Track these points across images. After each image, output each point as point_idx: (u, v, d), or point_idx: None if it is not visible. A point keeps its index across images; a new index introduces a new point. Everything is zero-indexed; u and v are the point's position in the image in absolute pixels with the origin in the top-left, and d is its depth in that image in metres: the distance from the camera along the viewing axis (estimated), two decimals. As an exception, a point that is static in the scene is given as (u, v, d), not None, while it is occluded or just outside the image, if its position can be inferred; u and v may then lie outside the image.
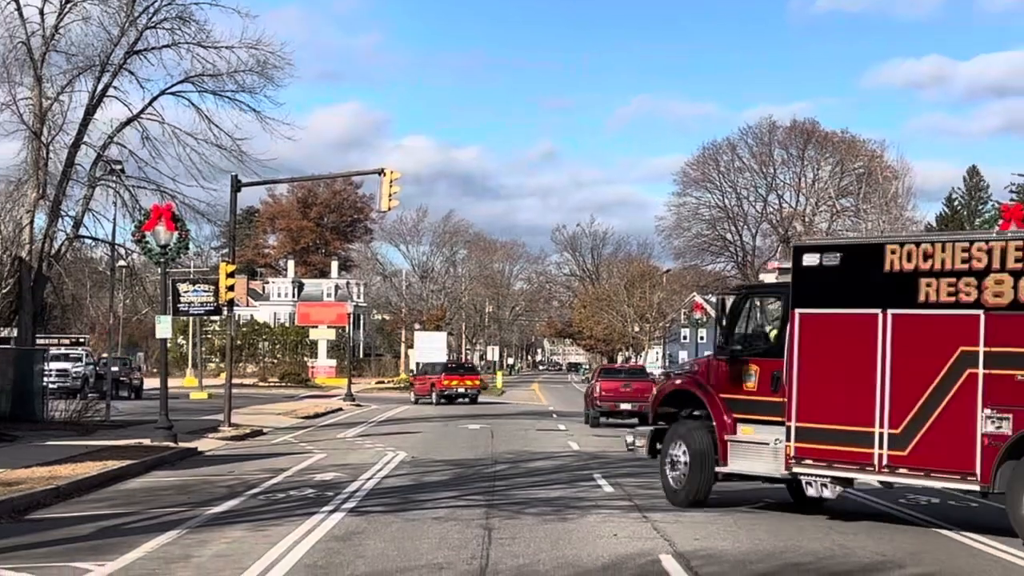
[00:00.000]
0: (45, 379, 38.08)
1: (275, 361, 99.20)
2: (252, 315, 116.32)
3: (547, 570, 12.98)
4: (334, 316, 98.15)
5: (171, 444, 28.14)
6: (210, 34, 38.55)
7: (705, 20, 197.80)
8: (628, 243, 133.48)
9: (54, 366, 49.87)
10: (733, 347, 18.55)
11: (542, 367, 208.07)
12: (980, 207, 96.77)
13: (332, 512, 17.30)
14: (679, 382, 20.32)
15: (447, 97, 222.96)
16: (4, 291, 36.31)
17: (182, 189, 38.57)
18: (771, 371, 17.69)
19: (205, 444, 30.52)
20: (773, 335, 18.28)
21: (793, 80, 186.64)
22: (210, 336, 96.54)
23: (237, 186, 38.11)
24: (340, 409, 52.41)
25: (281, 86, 41.60)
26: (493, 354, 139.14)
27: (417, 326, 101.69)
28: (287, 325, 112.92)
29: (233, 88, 39.36)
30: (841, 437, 16.63)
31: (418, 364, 72.35)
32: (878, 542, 15.36)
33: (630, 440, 20.85)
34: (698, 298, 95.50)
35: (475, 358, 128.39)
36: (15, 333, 38.12)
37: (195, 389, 66.77)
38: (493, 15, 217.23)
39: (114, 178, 38.07)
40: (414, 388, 64.17)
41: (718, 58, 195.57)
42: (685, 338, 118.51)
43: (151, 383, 54.63)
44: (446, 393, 60.10)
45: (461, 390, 60.79)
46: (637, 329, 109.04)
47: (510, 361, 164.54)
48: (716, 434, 18.41)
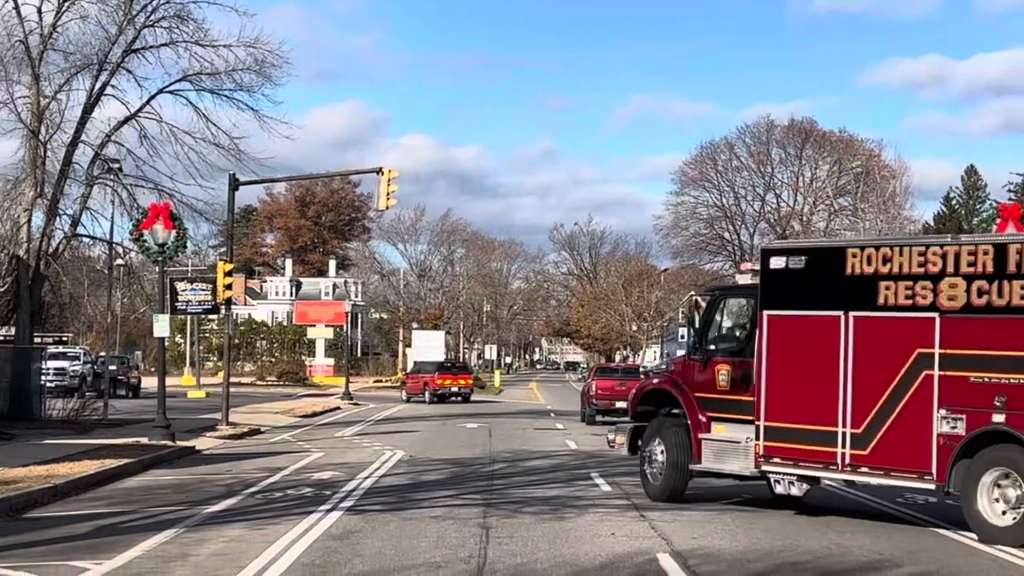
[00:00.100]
0: (43, 377, 38.09)
1: (273, 360, 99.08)
2: (250, 314, 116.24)
3: (544, 569, 12.98)
4: (332, 315, 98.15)
5: (169, 443, 28.13)
6: (208, 33, 38.56)
7: (704, 20, 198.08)
8: (626, 242, 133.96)
9: (52, 364, 49.88)
10: (707, 347, 18.98)
11: (540, 366, 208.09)
12: (978, 206, 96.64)
13: (330, 511, 17.31)
14: (656, 381, 20.78)
15: (446, 96, 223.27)
16: (1, 290, 36.29)
17: (180, 188, 38.61)
18: (742, 371, 18.12)
19: (203, 443, 30.53)
20: (744, 336, 18.71)
21: (791, 79, 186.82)
22: (208, 335, 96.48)
23: (235, 185, 38.09)
24: (338, 408, 52.41)
25: (279, 85, 41.53)
26: (491, 353, 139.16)
27: (415, 325, 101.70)
28: (285, 324, 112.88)
29: (231, 87, 39.35)
30: (807, 436, 16.99)
31: (416, 363, 72.43)
32: (876, 541, 15.37)
33: (611, 437, 21.20)
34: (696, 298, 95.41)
35: (473, 357, 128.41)
36: (13, 332, 38.12)
37: (193, 388, 66.72)
38: (493, 15, 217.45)
39: (112, 177, 38.03)
40: (406, 387, 64.28)
41: (717, 58, 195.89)
42: (683, 337, 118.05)
43: (149, 382, 54.52)
44: (439, 392, 60.29)
45: (455, 389, 61.01)
46: (635, 328, 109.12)
47: (508, 360, 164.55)
48: (691, 432, 18.77)
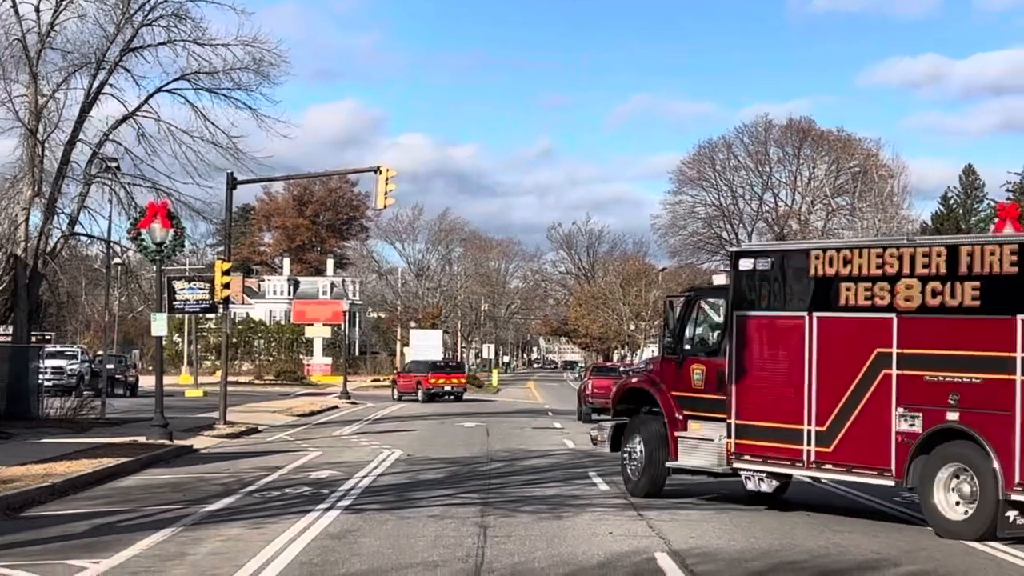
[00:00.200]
0: (40, 376, 38.06)
1: (271, 359, 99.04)
2: (248, 313, 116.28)
3: (542, 568, 12.98)
4: (330, 314, 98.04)
5: (166, 442, 28.11)
6: (206, 31, 38.58)
7: (704, 20, 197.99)
8: (624, 241, 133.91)
9: (49, 363, 49.88)
10: (683, 347, 19.41)
11: (537, 365, 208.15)
12: (976, 206, 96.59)
13: (327, 510, 17.32)
14: (635, 381, 21.24)
15: (445, 95, 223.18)
16: (-1, 288, 36.32)
17: (178, 187, 38.62)
18: (716, 370, 18.57)
19: (200, 442, 30.52)
20: (718, 336, 19.08)
21: (790, 79, 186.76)
22: (206, 334, 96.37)
23: (233, 184, 38.08)
24: (335, 407, 52.40)
25: (277, 84, 41.56)
26: (489, 352, 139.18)
27: (413, 324, 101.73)
28: (283, 323, 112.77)
29: (229, 86, 39.34)
30: (775, 434, 17.47)
31: (409, 362, 72.48)
32: (873, 540, 15.38)
33: (595, 435, 21.50)
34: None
35: (471, 356, 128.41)
36: (11, 330, 38.10)
37: (190, 387, 66.64)
38: (493, 15, 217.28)
39: (110, 175, 38.03)
40: (397, 385, 64.40)
41: (717, 57, 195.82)
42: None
43: (146, 381, 54.51)
44: (432, 391, 60.51)
45: (448, 388, 61.35)
46: (633, 327, 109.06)
47: (506, 359, 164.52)
48: (668, 430, 19.18)
